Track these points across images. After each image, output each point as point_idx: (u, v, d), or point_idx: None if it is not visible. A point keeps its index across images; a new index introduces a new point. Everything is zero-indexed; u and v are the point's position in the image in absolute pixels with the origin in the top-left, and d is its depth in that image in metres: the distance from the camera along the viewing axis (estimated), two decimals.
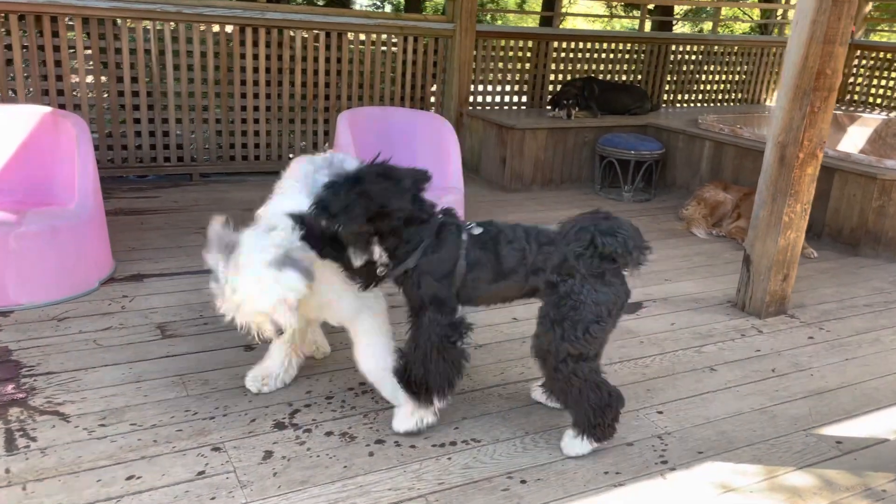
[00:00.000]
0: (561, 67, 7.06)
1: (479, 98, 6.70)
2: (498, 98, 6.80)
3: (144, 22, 5.23)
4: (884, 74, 8.28)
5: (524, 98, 6.95)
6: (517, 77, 6.85)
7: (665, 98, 7.78)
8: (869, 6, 8.79)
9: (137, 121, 5.41)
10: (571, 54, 7.09)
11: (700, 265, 4.51)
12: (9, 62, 4.92)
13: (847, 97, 8.45)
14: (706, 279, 4.26)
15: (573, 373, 2.32)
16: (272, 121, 5.83)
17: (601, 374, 2.40)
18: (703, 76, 7.95)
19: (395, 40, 6.12)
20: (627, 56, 7.41)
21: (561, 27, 7.61)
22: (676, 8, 10.86)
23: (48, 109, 3.76)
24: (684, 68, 7.79)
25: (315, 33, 5.79)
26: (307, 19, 5.73)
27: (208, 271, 3.80)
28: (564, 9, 7.47)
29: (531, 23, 15.36)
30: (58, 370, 2.80)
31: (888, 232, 4.75)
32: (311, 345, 3.02)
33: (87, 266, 3.51)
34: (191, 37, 5.40)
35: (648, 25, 9.15)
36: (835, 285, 4.28)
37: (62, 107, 5.06)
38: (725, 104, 8.18)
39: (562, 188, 6.18)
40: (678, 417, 2.78)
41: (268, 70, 5.69)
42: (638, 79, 7.54)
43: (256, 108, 5.75)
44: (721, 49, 7.93)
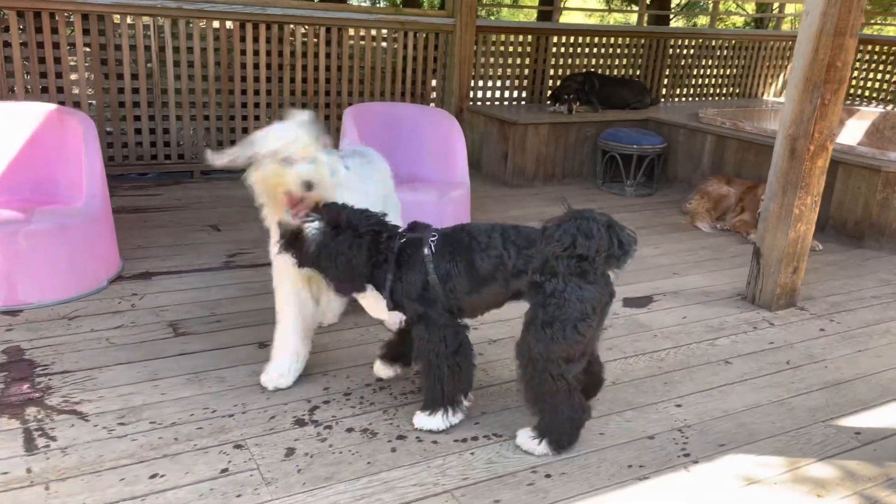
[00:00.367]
0: (560, 62, 7.06)
1: (480, 93, 6.69)
2: (498, 93, 6.79)
3: (144, 18, 5.18)
4: (879, 68, 8.32)
5: (524, 93, 6.94)
6: (517, 72, 6.84)
7: (664, 92, 7.79)
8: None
9: (138, 118, 5.36)
10: (571, 49, 7.08)
11: (707, 259, 4.51)
12: (7, 59, 4.87)
13: None
14: (714, 273, 4.27)
15: (561, 375, 2.30)
16: (273, 117, 5.79)
17: (579, 382, 2.39)
18: (701, 70, 7.97)
19: (396, 35, 6.10)
20: (626, 50, 7.42)
21: (560, 21, 7.58)
22: (674, 1, 10.89)
23: (53, 107, 3.72)
24: (682, 62, 7.80)
25: (315, 29, 5.76)
26: (308, 14, 5.70)
27: (217, 269, 3.82)
28: (562, 2, 7.47)
29: (522, 17, 15.36)
30: (73, 369, 2.77)
31: (892, 224, 4.77)
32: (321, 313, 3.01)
33: (96, 264, 3.48)
34: (191, 33, 5.36)
35: (647, 20, 9.16)
36: (842, 278, 4.30)
37: (62, 104, 5.00)
38: (722, 98, 8.19)
39: (564, 183, 6.18)
40: (697, 410, 2.78)
41: (268, 66, 5.66)
42: (637, 73, 7.54)
43: (257, 105, 5.71)
44: (718, 43, 7.94)
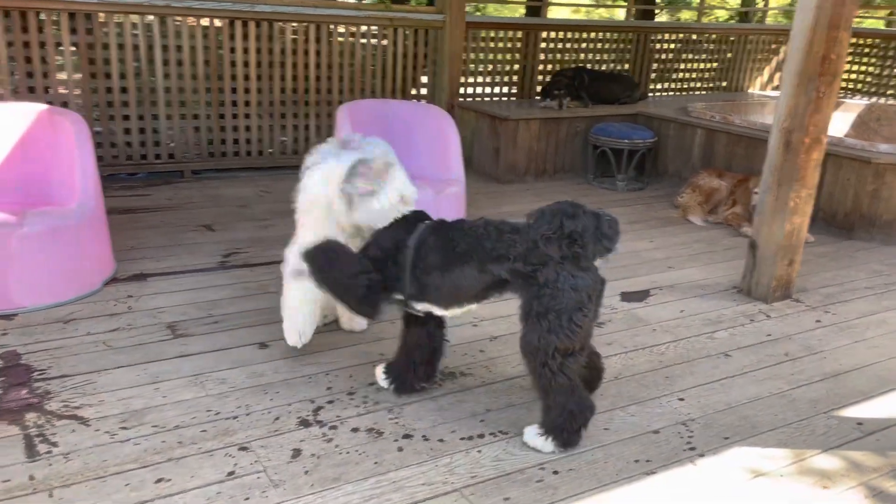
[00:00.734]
0: (550, 58, 7.06)
1: (470, 90, 6.68)
2: (488, 89, 6.78)
3: (132, 16, 5.12)
4: (863, 60, 8.40)
5: (514, 89, 6.94)
6: (507, 68, 6.83)
7: (651, 87, 7.81)
8: None
9: (126, 118, 5.30)
10: (560, 44, 7.09)
11: (701, 252, 4.53)
12: None
13: None
14: (708, 266, 4.29)
15: (560, 369, 2.29)
16: (263, 116, 5.75)
17: (582, 378, 2.39)
18: (687, 65, 8.00)
19: (385, 32, 6.07)
20: (614, 45, 7.43)
21: (548, 17, 7.59)
22: None
23: (44, 107, 3.67)
24: (670, 57, 7.83)
25: (304, 26, 5.72)
26: (297, 11, 5.65)
27: (213, 269, 3.78)
28: None
29: (507, 13, 15.33)
30: (71, 373, 2.73)
31: (882, 215, 4.81)
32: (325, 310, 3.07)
33: (91, 266, 3.44)
34: (179, 31, 5.30)
35: (633, 14, 9.19)
36: (834, 269, 4.33)
37: (50, 104, 4.93)
38: (708, 92, 8.23)
39: (556, 178, 6.18)
40: (700, 404, 2.79)
41: (258, 64, 5.61)
42: (625, 68, 7.56)
43: (247, 103, 5.66)
44: (704, 37, 7.98)
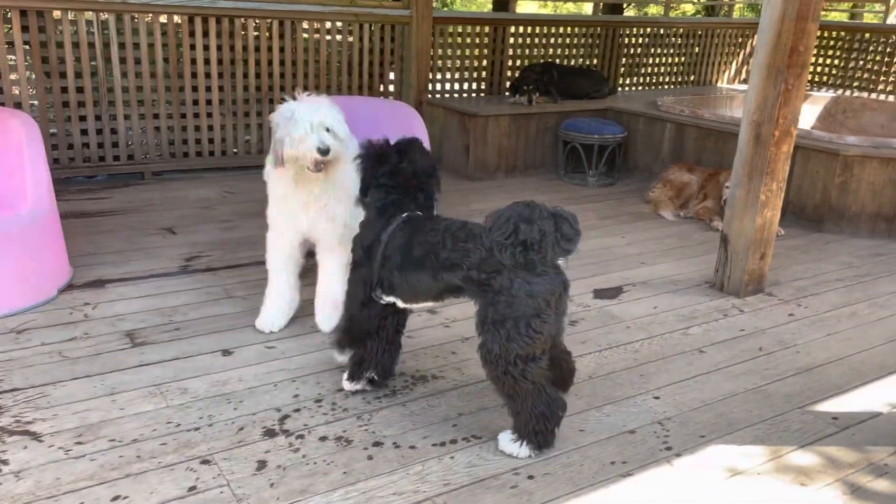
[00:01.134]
0: (518, 53, 7.00)
1: (438, 86, 6.59)
2: (457, 85, 6.71)
3: (87, 13, 4.95)
4: (829, 53, 8.47)
5: (483, 85, 6.87)
6: (476, 64, 6.76)
7: (620, 82, 7.80)
8: None
9: (83, 118, 5.13)
10: (529, 39, 7.03)
11: (673, 247, 4.51)
12: None
13: None
14: (681, 261, 4.26)
15: (522, 375, 2.23)
16: (226, 114, 5.61)
17: (547, 379, 2.32)
18: (655, 59, 8.00)
19: (351, 28, 5.96)
20: (583, 40, 7.40)
21: (516, 11, 7.53)
22: None
23: None
24: (638, 51, 7.82)
25: (267, 22, 5.59)
26: (259, 7, 5.52)
27: (174, 274, 3.66)
28: None
29: (475, 8, 15.31)
30: (23, 386, 2.61)
31: (851, 207, 4.83)
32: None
33: (45, 274, 3.30)
34: (137, 28, 5.14)
35: (601, 9, 9.18)
36: (805, 262, 4.33)
37: (1, 105, 4.76)
38: (677, 86, 8.24)
39: (527, 174, 6.13)
40: (675, 402, 2.74)
41: (220, 62, 5.47)
42: (594, 63, 7.53)
43: (209, 102, 5.52)
44: (672, 31, 7.98)
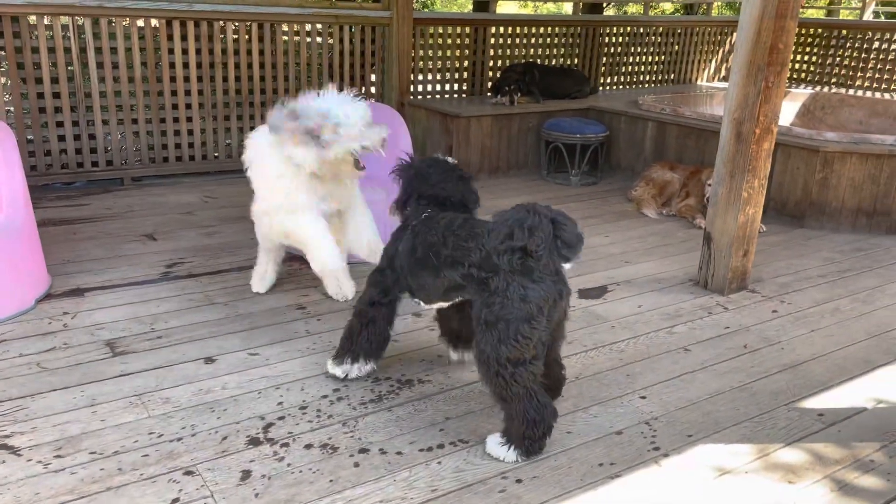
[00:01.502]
0: (500, 53, 7.00)
1: (420, 87, 6.57)
2: (439, 87, 6.69)
3: (62, 18, 4.88)
4: (806, 50, 8.54)
5: (465, 86, 6.86)
6: (457, 64, 6.74)
7: (601, 81, 7.81)
8: None
9: (60, 124, 5.06)
10: (510, 40, 7.03)
11: (656, 245, 4.51)
12: None
13: None
14: (664, 259, 4.27)
15: (513, 378, 2.21)
16: (206, 118, 5.56)
17: (539, 384, 2.30)
18: (635, 58, 8.02)
19: (331, 30, 5.92)
20: (563, 40, 7.41)
21: (497, 12, 7.53)
22: None
23: None
24: (619, 50, 7.84)
25: (246, 25, 5.55)
26: (237, 10, 5.47)
27: (155, 280, 3.61)
28: None
29: (455, 9, 15.29)
30: (0, 399, 2.55)
31: (832, 203, 4.87)
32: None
33: (21, 283, 3.24)
34: (114, 32, 5.07)
35: (581, 8, 9.20)
36: (787, 258, 4.35)
37: None
38: (657, 85, 8.27)
39: (510, 175, 6.12)
40: (662, 401, 2.74)
41: (199, 65, 5.42)
42: (575, 62, 7.54)
43: (189, 106, 5.47)
44: (652, 30, 8.01)
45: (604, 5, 9.82)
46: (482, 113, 5.91)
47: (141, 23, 5.17)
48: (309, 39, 5.83)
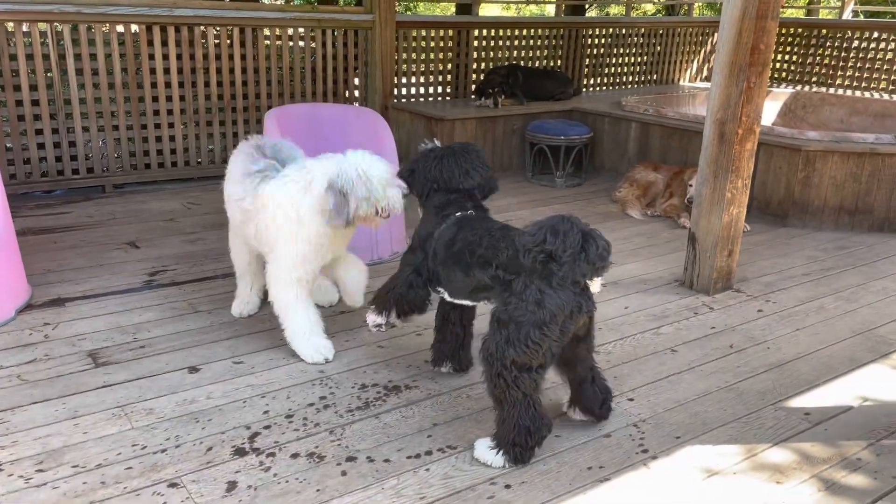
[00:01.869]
0: (483, 56, 7.00)
1: (404, 90, 6.56)
2: (423, 90, 6.68)
3: (40, 24, 4.83)
4: (787, 49, 8.61)
5: (448, 88, 6.85)
6: (440, 67, 6.74)
7: (584, 82, 7.83)
8: None
9: (40, 132, 5.00)
10: (493, 42, 7.03)
11: (641, 246, 4.52)
12: None
13: None
14: (650, 260, 4.28)
15: (514, 382, 2.21)
16: (188, 124, 5.51)
17: (539, 394, 2.29)
18: (618, 59, 8.05)
19: (313, 34, 5.90)
20: (546, 42, 7.42)
21: (480, 15, 7.53)
22: None
23: None
24: (601, 51, 7.86)
25: (228, 30, 5.51)
26: (219, 15, 5.44)
27: (138, 289, 3.57)
28: None
29: (438, 11, 15.28)
30: None
31: (814, 201, 4.90)
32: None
33: (1, 294, 3.19)
34: (93, 39, 5.02)
35: (564, 10, 9.22)
36: (771, 257, 4.37)
37: None
38: (640, 85, 8.30)
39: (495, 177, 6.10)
40: (649, 403, 2.74)
41: (180, 71, 5.38)
42: (558, 64, 7.56)
43: (170, 112, 5.42)
44: (634, 31, 8.04)
45: (585, 7, 9.86)
46: (466, 116, 5.91)
47: (121, 28, 5.12)
48: (291, 44, 5.81)
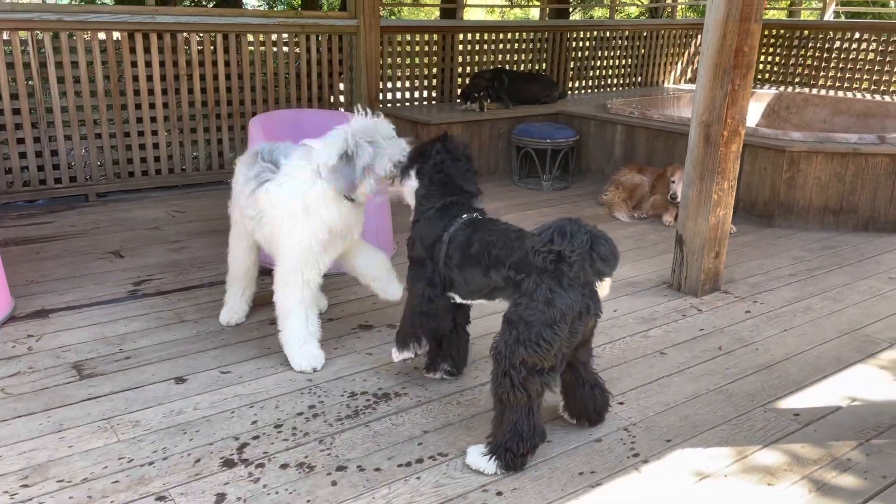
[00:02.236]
0: (468, 60, 7.00)
1: (389, 95, 6.55)
2: (408, 94, 6.67)
3: (21, 33, 4.77)
4: (769, 50, 8.67)
5: (434, 93, 6.84)
6: (425, 71, 6.73)
7: (570, 85, 7.85)
8: None
9: (21, 141, 4.94)
10: (478, 46, 7.03)
11: (629, 248, 4.53)
12: None
13: None
14: (638, 262, 4.28)
15: (522, 383, 2.20)
16: (172, 131, 5.47)
17: (539, 402, 2.28)
18: (602, 62, 8.07)
19: (297, 39, 5.87)
20: (530, 45, 7.43)
21: (464, 18, 7.53)
22: None
23: None
24: (586, 54, 7.88)
25: (211, 36, 5.48)
26: (201, 21, 5.41)
27: (122, 299, 3.54)
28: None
29: (423, 16, 15.28)
30: None
31: (799, 202, 4.93)
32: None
33: None
34: (75, 46, 4.97)
35: (548, 14, 9.24)
36: (758, 258, 4.39)
37: None
38: (624, 88, 8.33)
39: (481, 181, 5.93)
40: (640, 406, 2.73)
41: (163, 78, 5.33)
42: (543, 67, 7.57)
43: (154, 119, 5.38)
44: (618, 34, 8.07)
45: (570, 10, 9.89)
46: (452, 120, 5.90)
47: (102, 36, 5.07)
48: (275, 49, 5.78)
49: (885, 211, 4.88)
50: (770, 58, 8.66)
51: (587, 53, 7.88)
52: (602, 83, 8.15)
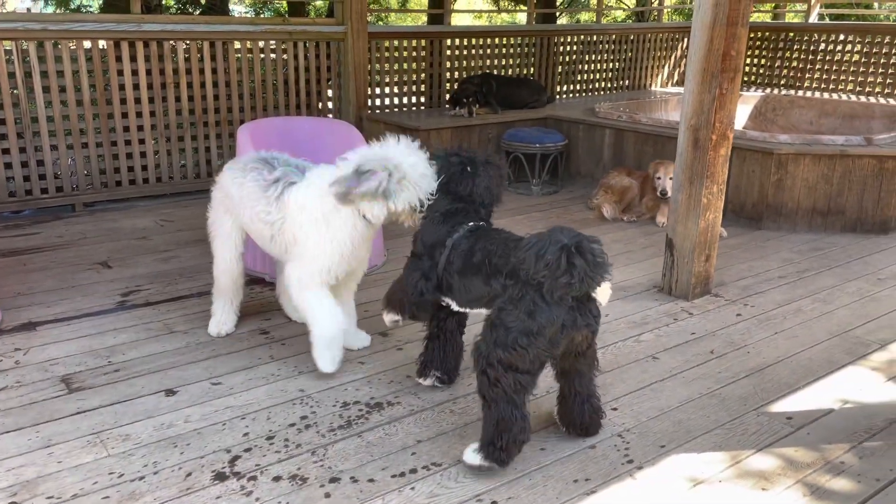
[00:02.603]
0: (456, 65, 7.00)
1: (378, 101, 6.54)
2: (397, 100, 6.66)
3: (5, 43, 4.73)
4: (755, 53, 8.72)
5: (422, 98, 6.84)
6: (414, 77, 6.72)
7: (558, 89, 7.86)
8: None
9: (6, 151, 4.90)
10: (465, 51, 7.04)
11: (619, 252, 4.53)
12: None
13: None
14: (628, 266, 4.28)
15: (496, 380, 2.22)
16: (159, 140, 5.44)
17: (524, 397, 2.27)
18: (590, 66, 8.10)
19: (285, 46, 5.85)
20: (518, 50, 7.44)
21: (452, 24, 7.54)
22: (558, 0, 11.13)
23: None
24: (573, 58, 7.90)
25: (198, 44, 5.45)
26: (188, 29, 5.38)
27: (111, 311, 3.50)
28: (452, 4, 7.40)
29: (410, 22, 15.29)
30: None
31: (787, 204, 4.95)
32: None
33: None
34: (60, 56, 4.94)
35: (535, 18, 9.26)
36: (747, 260, 4.40)
37: None
38: (612, 92, 8.36)
39: None
40: (633, 412, 2.73)
41: (150, 86, 5.30)
42: (530, 72, 7.58)
43: (141, 128, 5.34)
44: (605, 38, 8.10)
45: (556, 14, 9.92)
46: (441, 125, 5.90)
47: (88, 44, 5.03)
48: (263, 56, 5.76)
49: (873, 212, 4.91)
50: (756, 60, 8.71)
51: (575, 58, 7.90)
52: (590, 87, 8.17)
